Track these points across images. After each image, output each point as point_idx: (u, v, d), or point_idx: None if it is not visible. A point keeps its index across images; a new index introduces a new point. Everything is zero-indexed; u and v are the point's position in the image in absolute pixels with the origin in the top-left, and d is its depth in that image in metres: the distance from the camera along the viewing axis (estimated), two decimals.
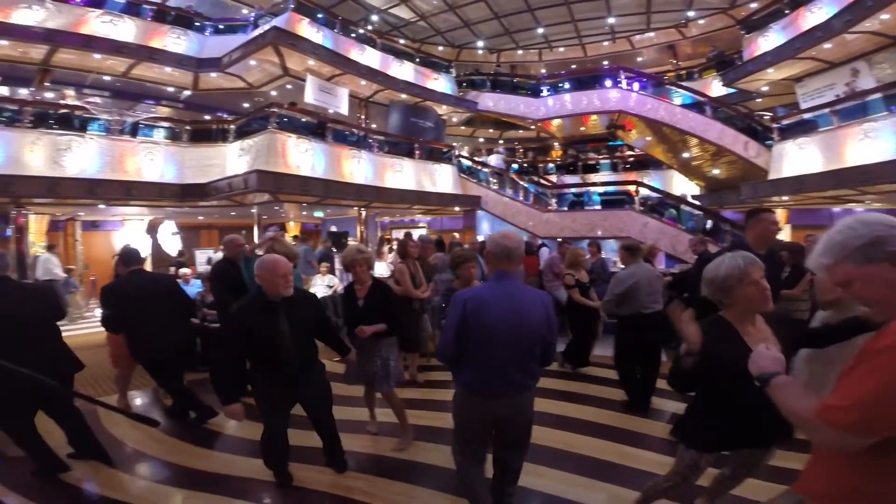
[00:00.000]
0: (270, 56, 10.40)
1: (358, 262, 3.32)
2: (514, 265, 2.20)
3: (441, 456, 3.16)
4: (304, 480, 2.95)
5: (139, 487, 2.96)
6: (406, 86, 13.06)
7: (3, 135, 7.37)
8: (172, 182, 8.95)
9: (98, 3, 9.80)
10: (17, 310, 2.75)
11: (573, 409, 4.10)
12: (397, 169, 11.10)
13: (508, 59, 17.84)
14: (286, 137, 8.76)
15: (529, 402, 2.28)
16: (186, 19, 11.10)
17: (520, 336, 2.12)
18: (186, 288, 7.28)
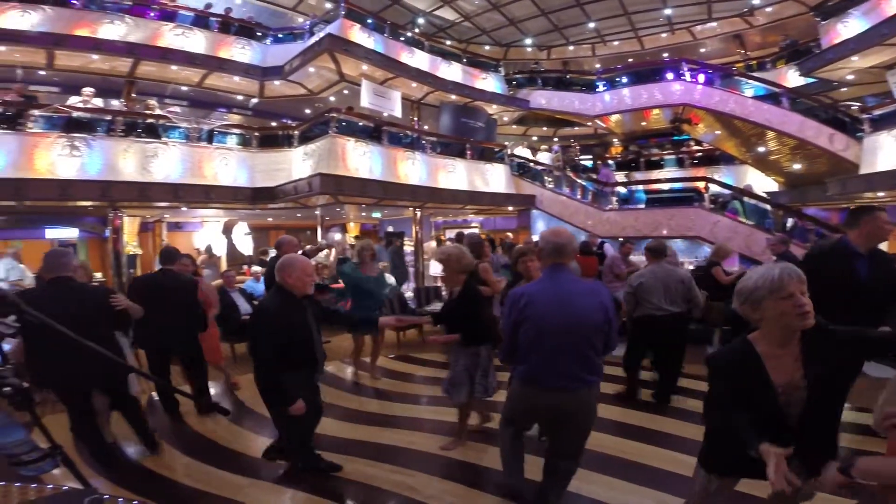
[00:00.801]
0: (327, 62, 10.86)
1: (446, 261, 3.16)
2: (566, 260, 2.25)
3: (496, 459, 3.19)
4: (354, 474, 3.03)
5: (202, 472, 3.11)
6: (455, 86, 13.17)
7: (101, 144, 8.24)
8: (245, 186, 9.62)
9: (170, 17, 10.68)
10: (75, 309, 2.76)
11: (619, 413, 3.99)
12: (450, 169, 11.24)
13: (559, 55, 17.50)
14: (345, 141, 9.15)
15: (588, 397, 2.23)
16: (248, 30, 11.84)
17: (572, 327, 2.12)
18: (256, 286, 7.88)
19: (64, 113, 8.17)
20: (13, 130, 7.60)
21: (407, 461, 3.21)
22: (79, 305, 2.80)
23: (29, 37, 8.91)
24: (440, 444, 3.43)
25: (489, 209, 12.87)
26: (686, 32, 15.59)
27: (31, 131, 7.73)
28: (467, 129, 13.50)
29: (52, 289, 2.89)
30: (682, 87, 12.43)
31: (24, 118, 7.74)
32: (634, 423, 3.77)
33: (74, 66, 9.98)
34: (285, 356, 2.63)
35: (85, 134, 8.13)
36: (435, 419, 3.97)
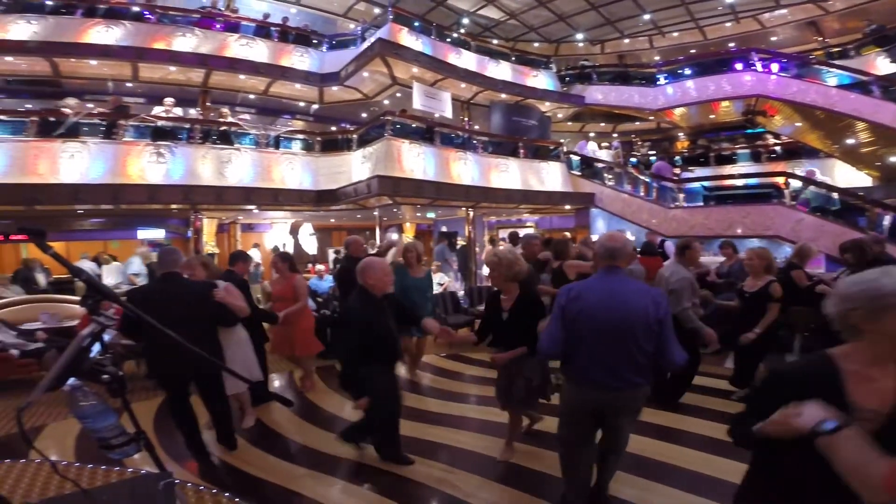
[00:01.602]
0: (379, 66, 11.11)
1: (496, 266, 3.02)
2: (620, 263, 2.30)
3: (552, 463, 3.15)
4: (400, 469, 3.10)
5: (262, 460, 3.31)
6: (505, 85, 13.04)
7: (183, 151, 9.00)
8: (309, 189, 10.12)
9: (234, 28, 11.39)
10: (180, 304, 2.95)
11: (675, 420, 3.83)
12: (502, 169, 11.15)
13: (614, 49, 16.84)
14: (400, 143, 9.36)
15: (634, 400, 2.25)
16: (305, 38, 12.37)
17: (618, 324, 2.15)
18: (320, 283, 8.29)
19: (150, 122, 9.03)
20: (109, 140, 8.50)
21: (451, 459, 3.26)
22: (183, 300, 3.00)
23: (115, 51, 9.86)
24: (485, 443, 3.46)
25: (545, 208, 12.60)
26: (753, 21, 14.53)
27: (123, 140, 8.60)
28: (520, 127, 13.34)
29: (161, 284, 3.20)
30: (753, 78, 11.57)
31: (118, 128, 8.63)
32: (660, 422, 3.71)
33: (155, 78, 10.93)
34: (369, 351, 2.85)
35: (168, 142, 8.93)
36: (482, 419, 4.00)
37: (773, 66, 11.42)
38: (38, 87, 10.75)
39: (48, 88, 10.72)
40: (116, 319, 1.42)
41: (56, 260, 1.38)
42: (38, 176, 7.78)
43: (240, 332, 3.77)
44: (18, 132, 7.97)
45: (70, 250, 10.05)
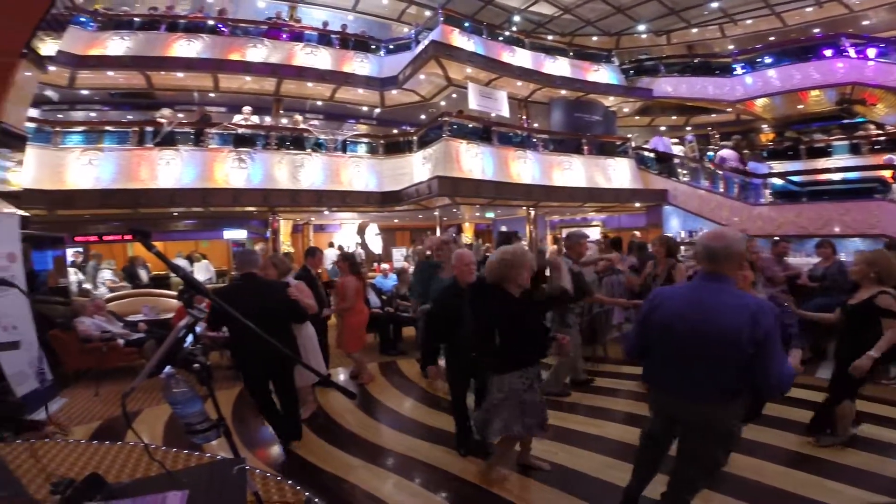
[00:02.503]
0: (434, 69, 11.23)
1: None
2: (722, 268, 2.01)
3: (597, 466, 3.08)
4: (448, 465, 3.13)
5: (322, 450, 3.47)
6: (564, 81, 12.70)
7: (261, 156, 9.71)
8: (374, 190, 10.50)
9: (299, 37, 11.96)
10: (258, 301, 3.08)
11: (753, 431, 3.46)
12: (565, 166, 10.85)
13: (681, 39, 15.77)
14: (458, 144, 9.44)
15: (713, 415, 2.00)
16: (364, 43, 12.77)
17: (699, 336, 1.96)
18: (384, 281, 8.59)
19: (232, 130, 9.84)
20: (198, 147, 9.37)
21: (514, 464, 3.21)
22: (261, 298, 3.17)
23: (197, 63, 10.78)
24: (537, 444, 3.35)
25: (612, 206, 12.10)
26: (838, 5, 12.92)
27: (210, 148, 9.43)
28: (582, 123, 12.92)
29: (241, 283, 3.48)
30: (846, 65, 10.51)
31: (205, 136, 9.49)
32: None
33: (233, 88, 11.81)
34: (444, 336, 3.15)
35: (248, 148, 9.67)
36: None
37: (870, 52, 10.32)
38: (136, 100, 12.04)
39: (144, 100, 11.98)
40: (207, 313, 1.54)
41: (159, 258, 1.57)
42: (140, 181, 8.76)
43: (309, 328, 4.00)
44: (123, 142, 9.02)
45: (166, 249, 11.21)
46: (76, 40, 9.65)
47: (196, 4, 12.45)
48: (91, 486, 1.15)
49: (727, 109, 13.91)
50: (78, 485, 1.14)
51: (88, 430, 3.88)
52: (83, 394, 4.92)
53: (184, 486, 1.20)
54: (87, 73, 10.32)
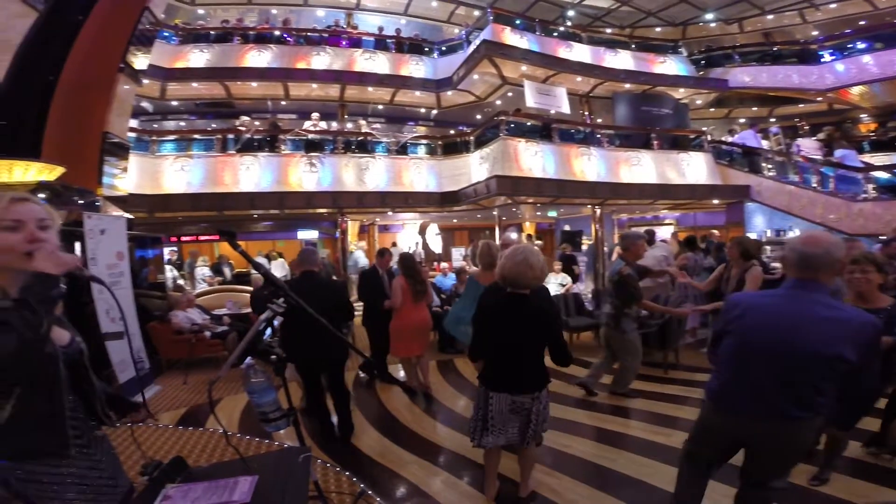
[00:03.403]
0: (488, 68, 11.12)
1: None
2: (818, 276, 1.80)
3: (654, 473, 2.94)
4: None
5: (382, 446, 3.57)
6: (627, 75, 12.13)
7: (329, 160, 10.19)
8: (434, 191, 10.67)
9: (357, 43, 12.33)
10: (316, 298, 3.31)
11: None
12: (633, 162, 10.33)
13: (755, 27, 14.42)
14: (517, 142, 9.30)
15: (789, 434, 1.85)
16: (417, 46, 12.92)
17: (791, 353, 1.77)
18: (444, 280, 8.70)
19: (303, 136, 10.42)
20: (274, 153, 10.03)
21: (557, 463, 3.18)
22: (319, 295, 3.21)
23: (268, 72, 11.47)
24: (595, 450, 3.34)
25: (686, 203, 11.35)
26: None
27: (284, 153, 10.06)
28: (650, 117, 12.33)
29: (301, 279, 3.65)
30: None
31: (279, 142, 10.14)
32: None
33: (302, 95, 12.44)
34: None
35: (318, 153, 10.19)
36: (594, 425, 3.83)
37: None
38: (218, 109, 13.08)
39: (225, 109, 13.00)
40: (285, 308, 1.66)
41: (243, 256, 1.72)
42: (224, 186, 9.55)
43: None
44: (209, 149, 9.86)
45: (247, 249, 12.03)
46: (163, 54, 10.54)
47: (262, 16, 13.30)
48: (175, 469, 1.29)
49: (817, 99, 12.60)
50: (164, 467, 1.28)
51: (175, 416, 4.27)
52: (173, 382, 5.41)
53: (254, 471, 1.30)
54: (175, 85, 11.33)
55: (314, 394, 3.61)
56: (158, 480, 1.23)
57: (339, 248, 11.15)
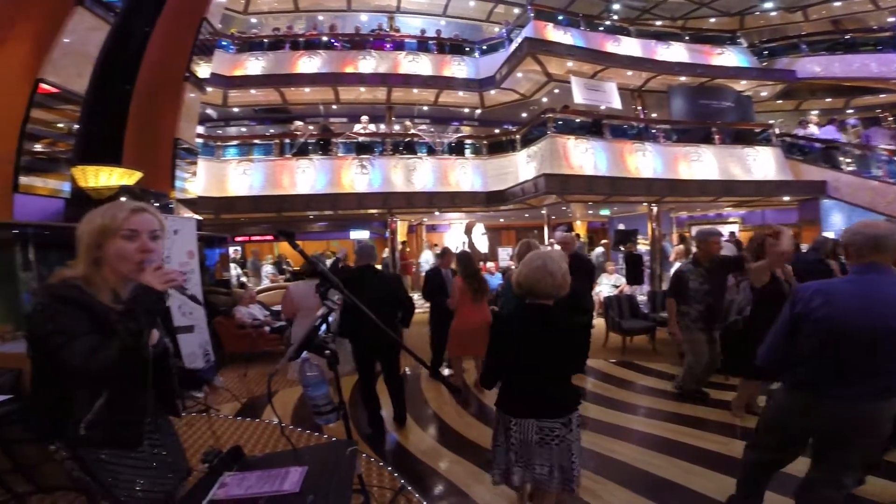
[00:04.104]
0: (532, 65, 10.92)
1: None
2: (884, 258, 1.87)
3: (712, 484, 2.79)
4: None
5: (427, 445, 3.61)
6: (682, 67, 11.61)
7: (379, 162, 10.44)
8: (480, 191, 10.65)
9: (400, 46, 12.49)
10: (373, 291, 3.33)
11: None
12: (693, 158, 9.81)
13: (822, 14, 13.39)
14: (565, 140, 9.08)
15: (883, 414, 1.88)
16: (458, 47, 12.91)
17: (884, 335, 1.80)
18: (490, 279, 8.66)
19: (353, 138, 10.74)
20: (327, 156, 10.40)
21: (600, 467, 3.10)
22: (374, 287, 3.45)
23: (319, 78, 11.86)
24: (642, 456, 3.23)
25: (753, 200, 10.63)
26: None
27: (337, 156, 10.41)
28: (710, 111, 11.69)
29: (359, 272, 3.83)
30: None
31: (331, 146, 10.50)
32: None
33: (351, 99, 12.78)
34: None
35: (368, 155, 10.47)
36: (644, 431, 3.70)
37: None
38: (275, 114, 13.74)
39: (281, 114, 13.62)
40: (339, 304, 1.73)
41: (301, 255, 1.81)
42: (282, 188, 10.03)
43: None
44: (268, 153, 10.38)
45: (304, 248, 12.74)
46: (223, 62, 11.14)
47: (310, 22, 13.78)
48: (232, 458, 1.38)
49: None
50: (223, 456, 1.37)
51: (235, 407, 4.53)
52: (234, 374, 5.75)
53: (305, 462, 1.37)
54: (235, 92, 11.98)
55: (366, 381, 3.71)
56: (217, 468, 1.32)
57: (388, 248, 11.41)
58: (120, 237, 1.26)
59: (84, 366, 1.13)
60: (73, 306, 1.19)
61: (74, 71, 5.00)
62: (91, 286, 1.25)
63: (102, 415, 1.23)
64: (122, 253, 1.26)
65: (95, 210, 1.31)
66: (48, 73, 4.77)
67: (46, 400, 1.28)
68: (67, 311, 1.18)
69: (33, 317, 1.21)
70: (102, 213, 1.29)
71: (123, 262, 1.27)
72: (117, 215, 1.27)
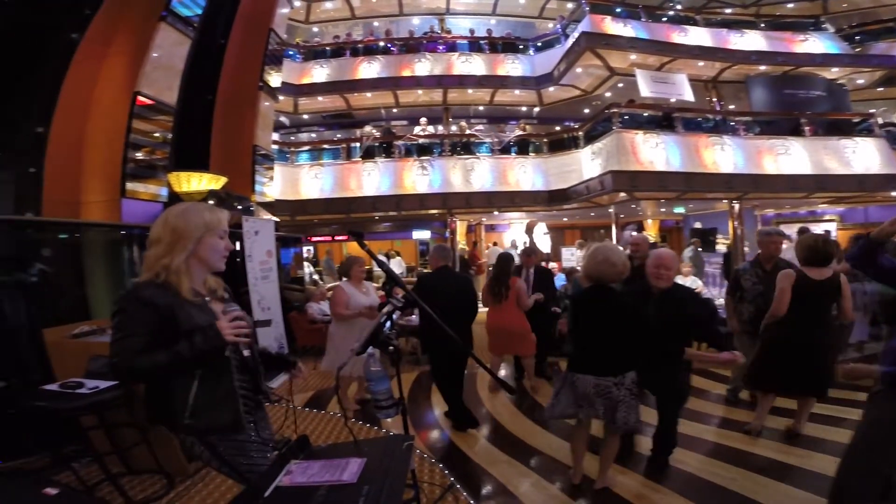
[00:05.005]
0: (591, 60, 10.55)
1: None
2: None
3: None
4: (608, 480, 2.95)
5: (477, 443, 3.59)
6: (760, 56, 10.79)
7: (438, 163, 10.57)
8: (541, 189, 10.47)
9: (452, 48, 12.48)
10: (447, 293, 3.45)
11: None
12: (780, 151, 8.96)
13: None
14: (633, 135, 8.67)
15: None
16: (511, 45, 12.67)
17: None
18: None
19: (414, 140, 10.98)
20: (390, 158, 10.71)
21: (663, 478, 2.97)
22: (448, 290, 3.55)
23: (379, 83, 12.18)
24: (707, 466, 3.08)
25: (853, 196, 9.51)
26: None
27: (399, 158, 10.69)
28: (796, 101, 10.80)
29: (435, 274, 3.93)
30: None
31: (393, 148, 10.80)
32: None
33: (409, 102, 13.05)
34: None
35: (428, 156, 10.65)
36: (714, 441, 3.49)
37: None
38: (341, 119, 14.31)
39: (347, 120, 14.18)
40: (403, 302, 1.79)
41: (369, 255, 1.91)
42: (350, 191, 10.49)
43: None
44: (336, 157, 10.89)
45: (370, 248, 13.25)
46: (291, 71, 11.76)
47: (366, 28, 14.21)
48: (300, 447, 1.48)
49: None
50: (292, 444, 1.47)
51: (304, 398, 4.80)
52: (305, 367, 6.09)
53: (364, 454, 1.43)
54: (304, 100, 12.65)
55: (441, 384, 3.81)
56: (286, 456, 1.42)
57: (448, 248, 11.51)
58: (217, 235, 1.49)
59: (125, 363, 1.31)
60: (143, 305, 1.36)
61: (165, 84, 5.43)
62: (178, 276, 1.41)
63: (200, 401, 1.39)
64: (216, 247, 1.50)
65: (188, 207, 1.50)
66: (143, 85, 5.16)
67: (151, 391, 1.47)
68: (133, 311, 1.35)
69: (112, 313, 1.39)
70: (207, 212, 1.50)
71: (214, 255, 1.49)
72: (221, 217, 1.53)
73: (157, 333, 1.34)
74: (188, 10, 5.71)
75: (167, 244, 1.43)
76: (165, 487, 2.75)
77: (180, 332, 1.35)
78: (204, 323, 1.38)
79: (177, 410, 1.39)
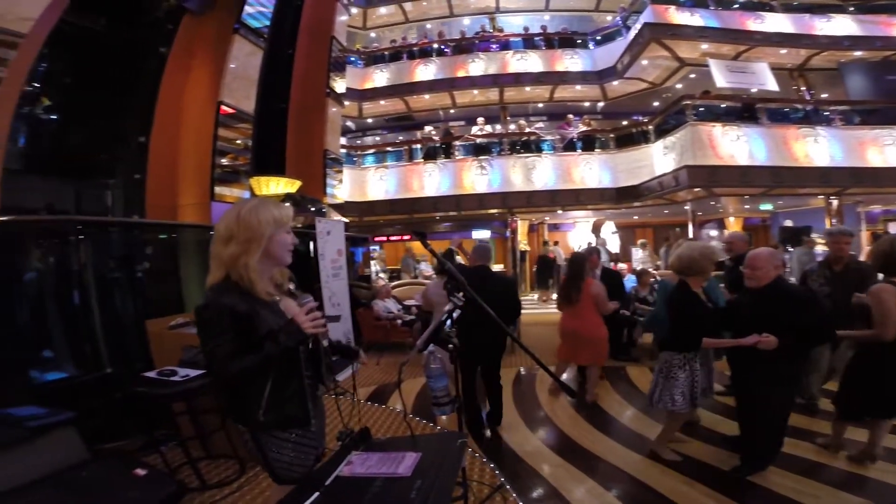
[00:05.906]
0: (658, 51, 10.01)
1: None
2: None
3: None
4: (655, 482, 2.86)
5: (532, 445, 3.52)
6: (854, 41, 9.79)
7: (497, 162, 10.51)
8: (609, 186, 10.07)
9: (506, 46, 12.24)
10: (488, 291, 3.44)
11: None
12: (886, 142, 8.04)
13: None
14: (710, 128, 8.11)
15: None
16: (568, 40, 12.26)
17: None
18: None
19: (472, 140, 10.99)
20: (449, 159, 10.81)
21: (696, 472, 2.90)
22: (489, 288, 3.36)
23: (435, 84, 12.29)
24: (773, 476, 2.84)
25: None
26: None
27: (458, 159, 10.77)
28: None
29: (475, 272, 3.83)
30: None
31: (452, 149, 10.88)
32: None
33: (466, 102, 13.06)
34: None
35: (487, 156, 10.63)
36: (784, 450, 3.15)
37: None
38: (402, 122, 14.66)
39: (408, 122, 14.50)
40: (464, 301, 1.81)
41: (432, 255, 1.95)
42: (412, 192, 10.75)
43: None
44: (399, 159, 11.19)
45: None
46: (354, 77, 12.14)
47: (420, 31, 14.35)
48: (361, 438, 1.56)
49: None
50: (354, 435, 1.55)
51: (367, 392, 4.97)
52: (369, 362, 6.24)
53: (420, 449, 1.48)
54: (368, 104, 13.08)
55: (467, 384, 3.74)
56: (348, 446, 1.50)
57: (509, 248, 11.43)
58: (285, 230, 1.55)
59: (221, 371, 1.40)
60: (225, 312, 1.41)
61: (243, 93, 5.80)
62: (253, 274, 1.45)
63: (273, 398, 1.47)
64: (285, 242, 1.54)
65: (258, 204, 1.53)
66: (225, 95, 5.51)
67: (227, 389, 1.57)
68: (218, 319, 1.41)
69: (196, 317, 1.48)
70: (276, 208, 1.54)
71: (283, 250, 1.54)
72: (288, 213, 1.57)
73: (240, 334, 1.41)
74: (258, 22, 6.06)
75: (243, 241, 1.44)
76: (237, 472, 2.95)
77: (257, 335, 1.42)
78: (278, 325, 1.44)
79: (251, 407, 1.46)
